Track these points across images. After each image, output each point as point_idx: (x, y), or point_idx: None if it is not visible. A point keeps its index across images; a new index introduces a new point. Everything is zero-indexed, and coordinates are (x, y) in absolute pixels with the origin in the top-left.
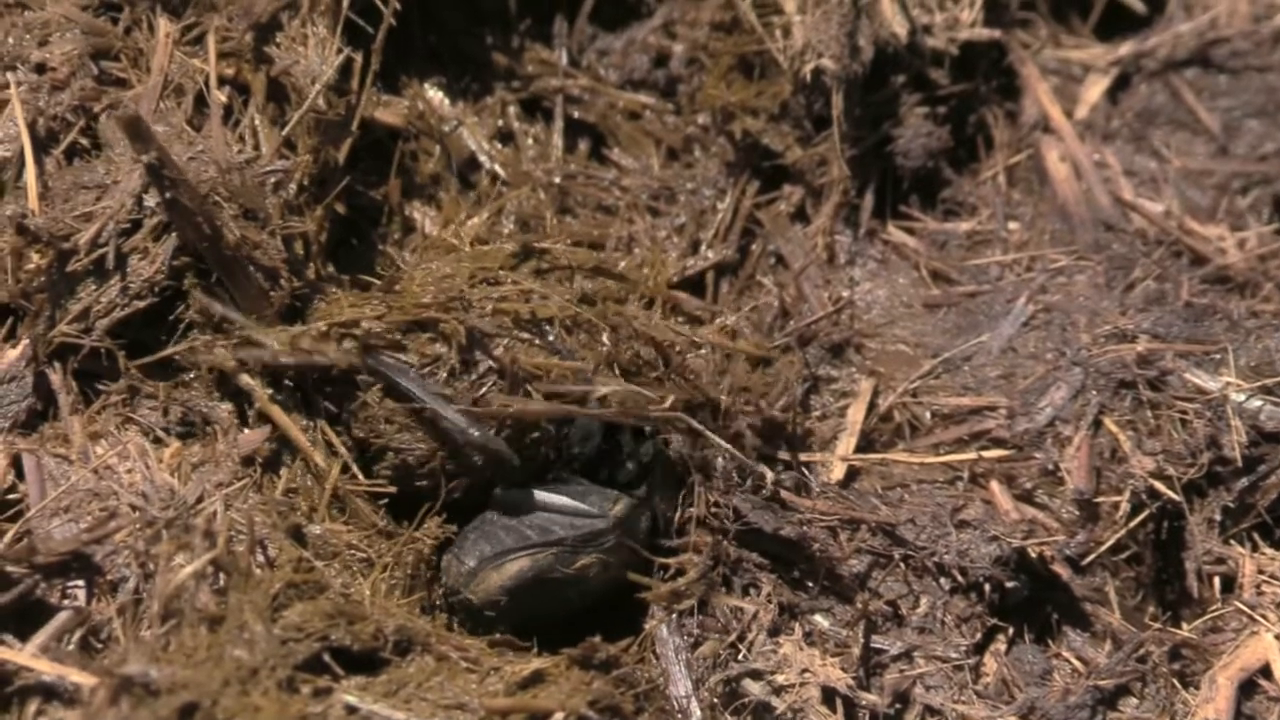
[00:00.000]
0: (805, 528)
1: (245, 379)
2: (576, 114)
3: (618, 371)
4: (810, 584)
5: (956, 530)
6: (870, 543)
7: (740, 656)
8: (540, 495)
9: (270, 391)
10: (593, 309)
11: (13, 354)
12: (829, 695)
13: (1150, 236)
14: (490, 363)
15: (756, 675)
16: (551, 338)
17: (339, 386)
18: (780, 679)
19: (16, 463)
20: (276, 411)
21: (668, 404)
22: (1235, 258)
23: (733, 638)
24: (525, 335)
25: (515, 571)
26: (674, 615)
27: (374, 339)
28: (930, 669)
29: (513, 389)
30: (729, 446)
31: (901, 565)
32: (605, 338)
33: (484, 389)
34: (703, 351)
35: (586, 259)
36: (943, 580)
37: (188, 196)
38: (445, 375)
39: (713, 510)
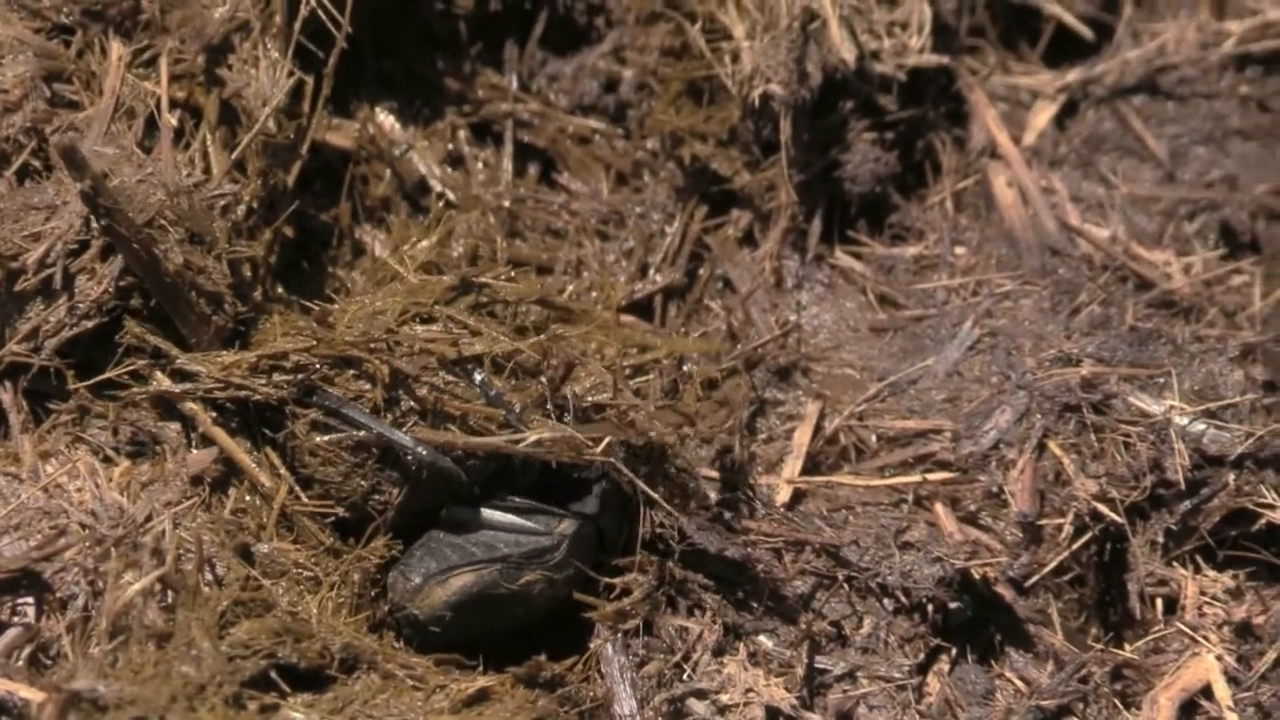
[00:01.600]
0: (750, 549)
1: (188, 405)
2: (526, 138)
3: (553, 408)
4: (755, 605)
5: (900, 551)
6: (814, 564)
7: (685, 676)
8: (486, 513)
9: (214, 415)
10: (530, 343)
11: None
12: (773, 715)
13: (1096, 261)
14: (413, 403)
15: (701, 695)
16: (479, 379)
17: (275, 413)
18: (724, 699)
19: None
20: (220, 434)
21: (599, 447)
22: (1180, 283)
23: (677, 657)
24: (450, 378)
25: (459, 587)
26: (619, 635)
27: (308, 374)
28: (873, 689)
29: (435, 428)
30: (655, 496)
31: (845, 586)
32: (543, 377)
33: (405, 427)
34: (649, 378)
35: (529, 291)
36: (886, 601)
37: (123, 225)
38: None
39: (658, 530)
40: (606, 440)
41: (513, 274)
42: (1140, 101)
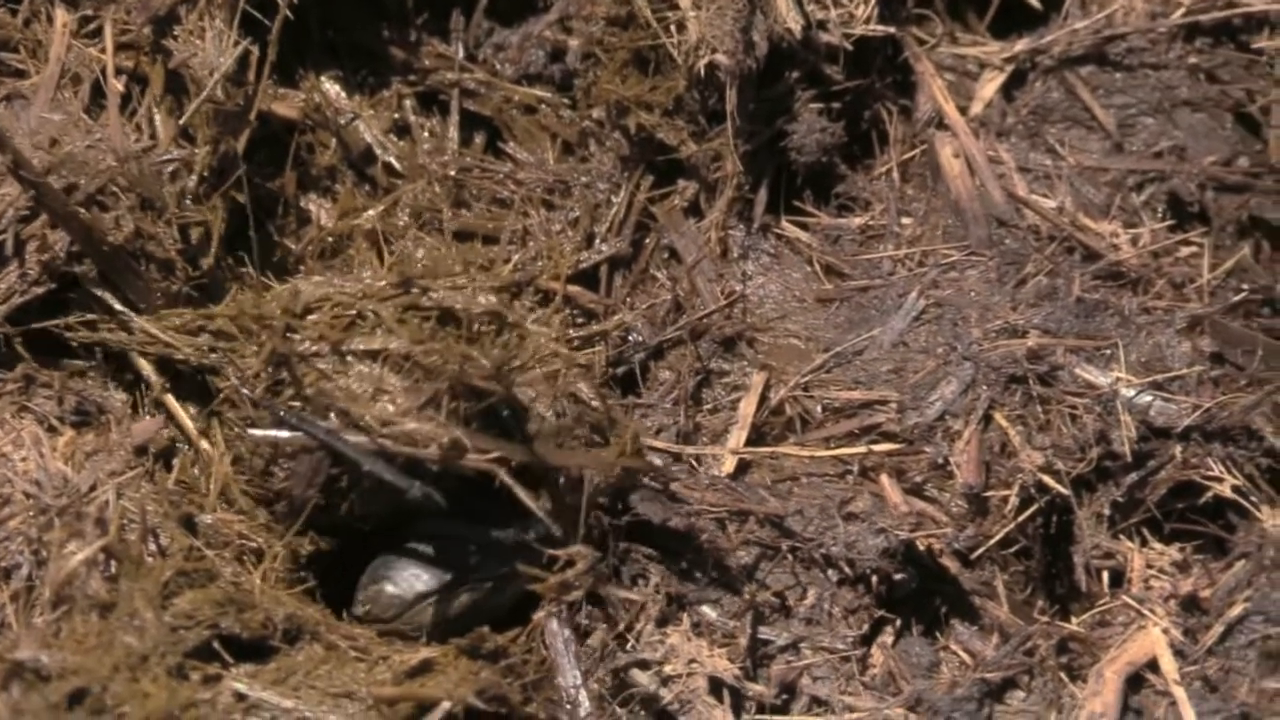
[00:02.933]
0: (694, 519)
1: (143, 364)
2: (472, 107)
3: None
4: (698, 575)
5: (844, 522)
6: (758, 534)
7: (628, 646)
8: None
9: (163, 380)
10: (426, 347)
11: None
12: (716, 685)
13: (1043, 232)
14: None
15: (644, 665)
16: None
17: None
18: (668, 669)
19: None
20: (169, 398)
21: (488, 457)
22: (1128, 254)
23: (620, 628)
24: (339, 367)
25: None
26: (562, 607)
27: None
28: (817, 660)
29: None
30: (534, 508)
31: (789, 557)
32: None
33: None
34: (597, 348)
35: (473, 302)
36: (830, 572)
37: (50, 196)
38: (260, 391)
39: (600, 502)
40: (496, 452)
41: (466, 284)
42: (1088, 72)
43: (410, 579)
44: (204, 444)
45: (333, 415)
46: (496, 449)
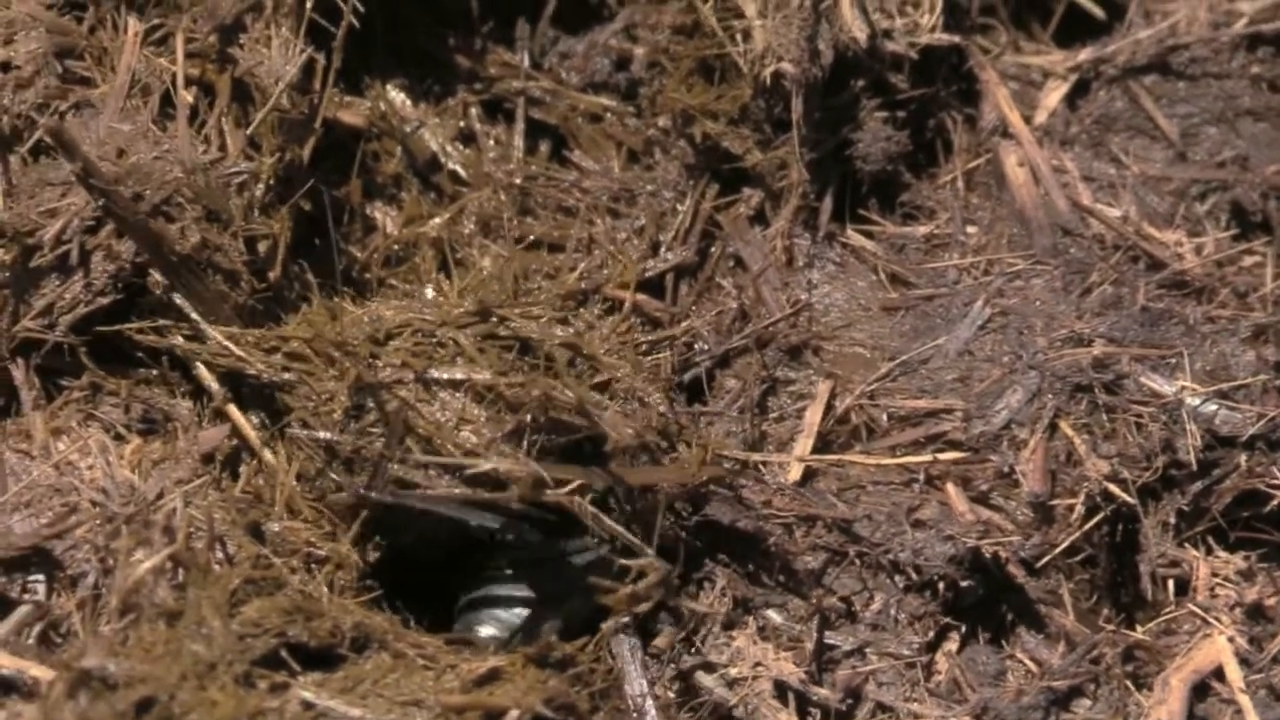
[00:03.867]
0: (761, 523)
1: (204, 374)
2: (538, 116)
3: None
4: (765, 579)
5: (912, 529)
6: (825, 539)
7: (693, 650)
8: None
9: (226, 389)
10: (508, 381)
11: None
12: (781, 689)
13: (1107, 241)
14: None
15: (710, 668)
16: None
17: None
18: (733, 672)
19: None
20: (232, 409)
21: (569, 488)
22: (1192, 263)
23: (687, 631)
24: (423, 395)
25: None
26: (632, 617)
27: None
28: (882, 665)
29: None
30: (624, 533)
31: (856, 562)
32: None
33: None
34: (664, 354)
35: (547, 335)
36: (897, 578)
37: (120, 205)
38: (339, 415)
39: (671, 503)
40: (577, 480)
41: (541, 313)
42: (1152, 81)
43: (503, 619)
44: (268, 456)
45: (412, 444)
46: (576, 477)
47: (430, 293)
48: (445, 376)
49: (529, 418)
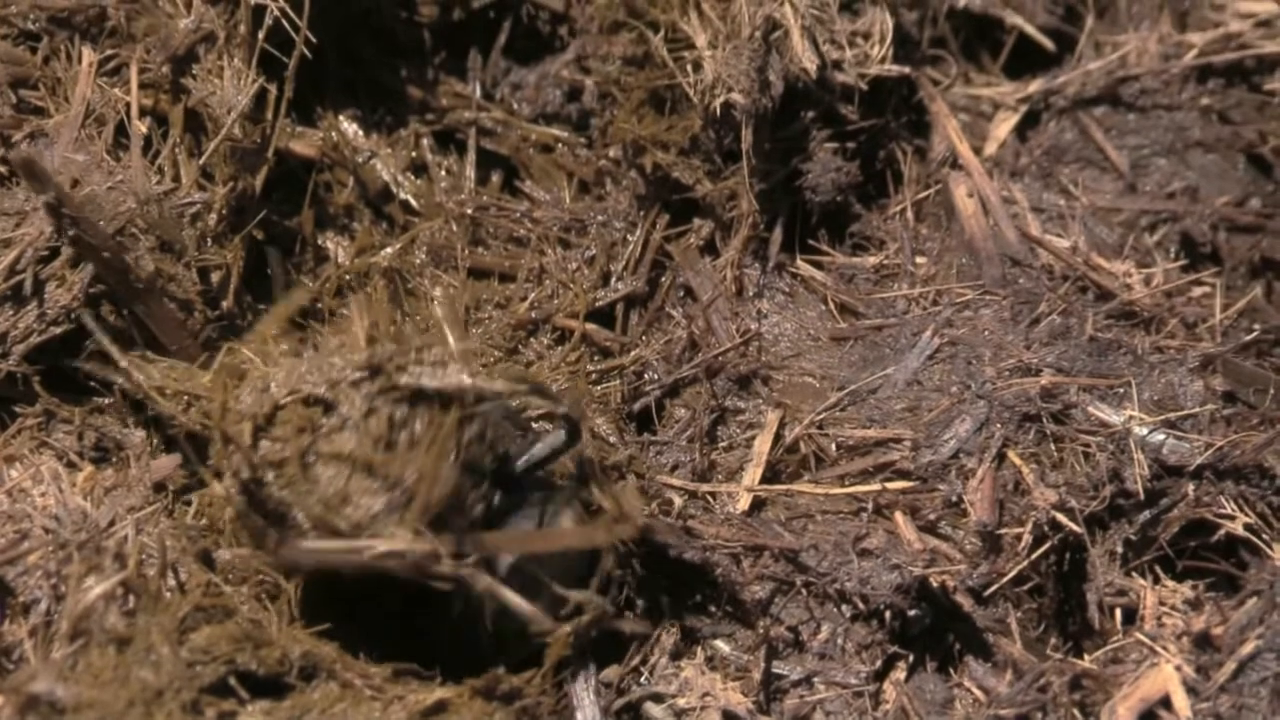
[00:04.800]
0: (708, 553)
1: (160, 404)
2: (489, 146)
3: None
4: (712, 609)
5: (859, 558)
6: (772, 569)
7: (642, 680)
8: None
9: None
10: (389, 460)
11: None
12: (729, 719)
13: (1056, 272)
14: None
15: (658, 698)
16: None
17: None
18: (681, 702)
19: None
20: (182, 441)
21: (468, 561)
22: (1141, 293)
23: (635, 661)
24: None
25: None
26: (581, 652)
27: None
28: (830, 695)
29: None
30: (518, 603)
31: (803, 592)
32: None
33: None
34: (614, 383)
35: (446, 384)
36: (844, 607)
37: (91, 234)
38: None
39: (618, 543)
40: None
41: (443, 358)
42: (1102, 112)
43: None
44: (216, 486)
45: (305, 521)
46: (478, 549)
47: (334, 343)
48: (327, 451)
49: (415, 490)
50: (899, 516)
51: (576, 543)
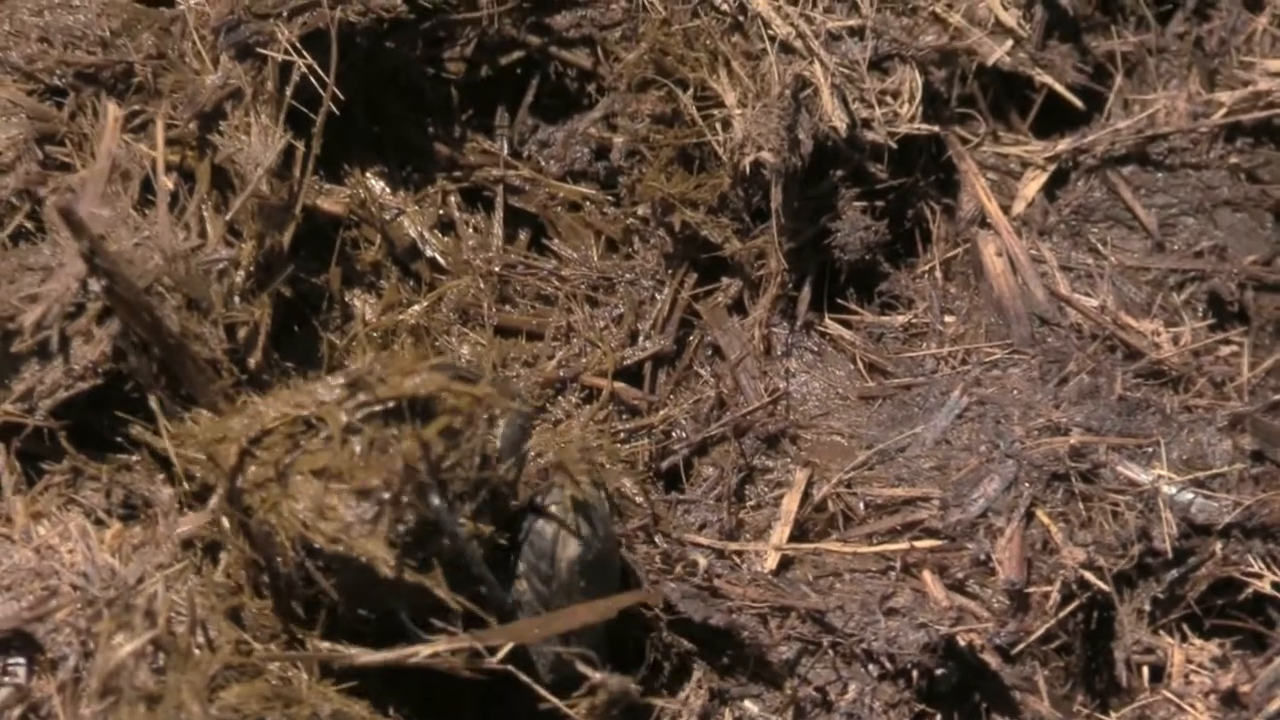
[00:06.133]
0: (735, 615)
1: (185, 462)
2: (517, 204)
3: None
4: (740, 670)
5: (885, 617)
6: (799, 630)
7: None
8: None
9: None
10: (374, 467)
11: None
12: None
13: (1085, 331)
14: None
15: None
16: (435, 503)
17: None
18: None
19: None
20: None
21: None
22: (1169, 352)
23: None
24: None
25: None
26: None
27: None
28: None
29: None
30: (532, 680)
31: (830, 652)
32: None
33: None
34: (643, 442)
35: (429, 384)
36: (871, 667)
37: (123, 286)
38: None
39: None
40: (508, 647)
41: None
42: (1130, 171)
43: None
44: (243, 543)
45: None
46: (489, 639)
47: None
48: (307, 468)
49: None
50: (927, 575)
51: (594, 618)
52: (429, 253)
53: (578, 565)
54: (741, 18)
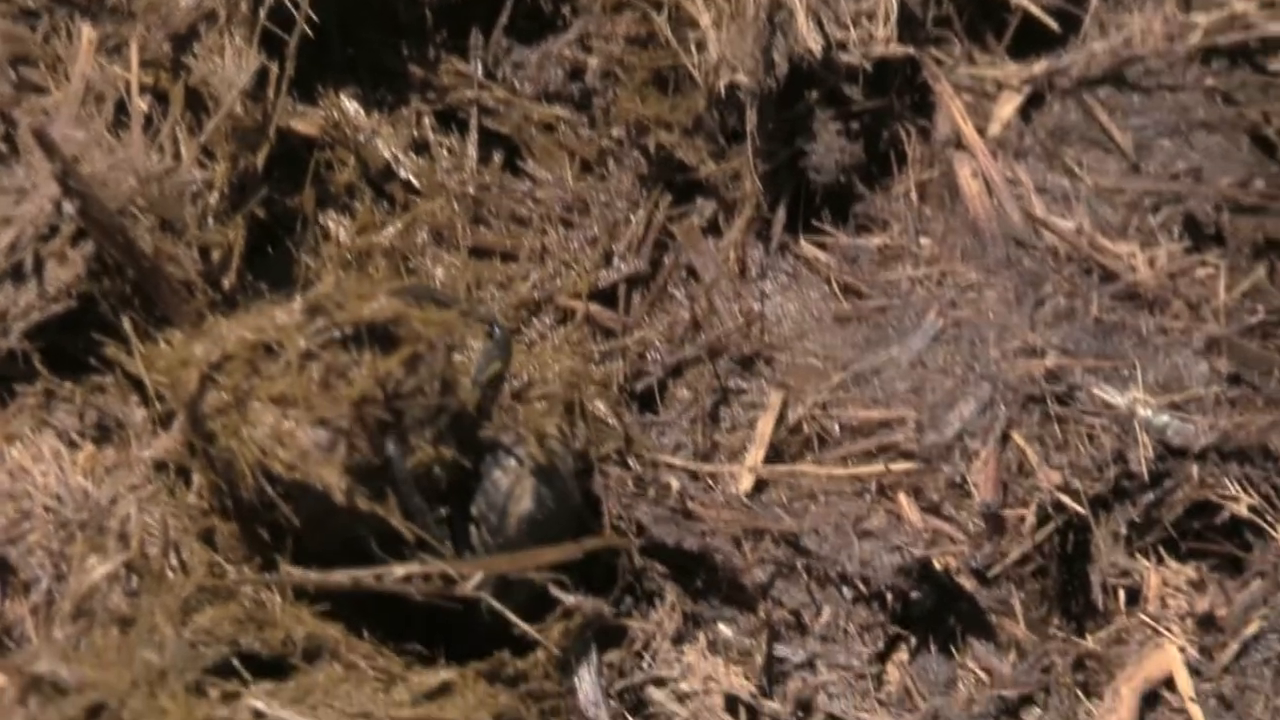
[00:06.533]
0: (709, 538)
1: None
2: (491, 125)
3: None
4: (714, 593)
5: (860, 540)
6: (774, 553)
7: (644, 664)
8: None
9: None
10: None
11: None
12: (732, 703)
13: (1061, 253)
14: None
15: (660, 683)
16: (391, 450)
17: None
18: (684, 687)
19: None
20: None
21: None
22: (1145, 275)
23: (637, 646)
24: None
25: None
26: (584, 637)
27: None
28: (833, 677)
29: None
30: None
31: (804, 575)
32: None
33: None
34: (617, 364)
35: (386, 310)
36: (845, 589)
37: (96, 208)
38: None
39: (615, 524)
40: (479, 576)
41: (373, 295)
42: (1106, 93)
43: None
44: (206, 469)
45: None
46: (461, 568)
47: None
48: (265, 394)
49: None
50: (902, 498)
51: (560, 557)
52: (403, 174)
53: (526, 524)
54: None
